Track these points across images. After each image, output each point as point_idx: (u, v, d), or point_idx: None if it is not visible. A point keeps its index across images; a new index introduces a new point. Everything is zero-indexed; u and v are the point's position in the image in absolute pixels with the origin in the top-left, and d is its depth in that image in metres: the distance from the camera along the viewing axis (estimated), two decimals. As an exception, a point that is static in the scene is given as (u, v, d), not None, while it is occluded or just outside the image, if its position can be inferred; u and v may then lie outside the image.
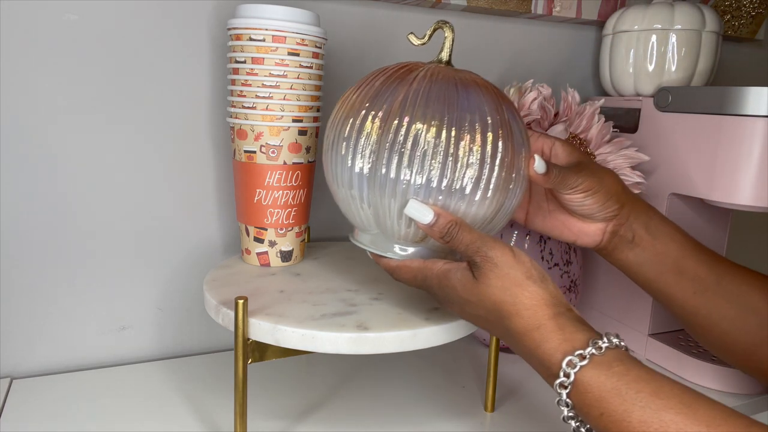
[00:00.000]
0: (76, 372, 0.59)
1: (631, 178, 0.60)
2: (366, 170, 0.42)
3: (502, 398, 0.57)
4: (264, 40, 0.51)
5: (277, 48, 0.51)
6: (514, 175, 0.42)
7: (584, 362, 0.35)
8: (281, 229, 0.55)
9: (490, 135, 0.41)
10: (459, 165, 0.40)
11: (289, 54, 0.51)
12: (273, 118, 0.52)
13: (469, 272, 0.40)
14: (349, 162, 0.42)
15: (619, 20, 0.71)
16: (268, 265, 0.56)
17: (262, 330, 0.43)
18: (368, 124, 0.41)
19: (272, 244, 0.56)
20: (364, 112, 0.42)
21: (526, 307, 0.38)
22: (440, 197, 0.41)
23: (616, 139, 0.63)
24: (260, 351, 0.44)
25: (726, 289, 0.48)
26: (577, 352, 0.35)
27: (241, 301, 0.43)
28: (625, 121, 0.70)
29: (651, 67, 0.69)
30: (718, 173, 0.59)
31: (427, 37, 0.45)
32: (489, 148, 0.40)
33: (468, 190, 0.41)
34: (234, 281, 0.52)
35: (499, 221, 0.45)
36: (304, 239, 0.59)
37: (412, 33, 0.45)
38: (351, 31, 0.67)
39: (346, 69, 0.67)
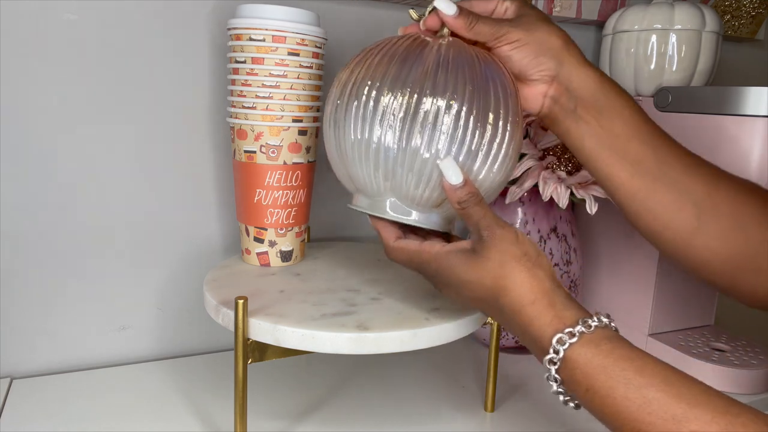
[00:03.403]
0: (76, 372, 0.59)
1: (631, 178, 0.60)
2: (394, 140, 0.41)
3: (502, 398, 0.57)
4: (264, 40, 0.51)
5: (277, 48, 0.51)
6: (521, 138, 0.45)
7: (573, 339, 0.35)
8: (281, 229, 0.55)
9: (510, 101, 0.42)
10: (488, 133, 0.41)
11: (289, 54, 0.51)
12: (273, 118, 0.52)
13: (470, 251, 0.40)
14: (374, 131, 0.41)
15: (619, 20, 0.71)
16: (268, 265, 0.56)
17: (262, 330, 0.43)
18: (394, 94, 0.40)
19: (272, 244, 0.56)
20: (388, 83, 0.41)
21: (521, 281, 0.38)
22: (468, 161, 0.41)
23: (616, 139, 0.63)
24: (260, 351, 0.44)
25: (667, 174, 0.46)
26: (567, 330, 0.36)
27: (241, 301, 0.43)
28: (625, 121, 0.70)
29: (651, 67, 0.69)
30: (718, 173, 0.59)
31: (427, 13, 0.45)
32: (510, 115, 0.42)
33: (491, 156, 0.42)
34: (234, 281, 0.52)
35: (498, 191, 0.46)
36: (304, 239, 0.59)
37: (412, 8, 0.46)
38: (351, 31, 0.67)
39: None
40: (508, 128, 0.42)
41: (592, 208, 0.59)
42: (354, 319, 0.44)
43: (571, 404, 0.37)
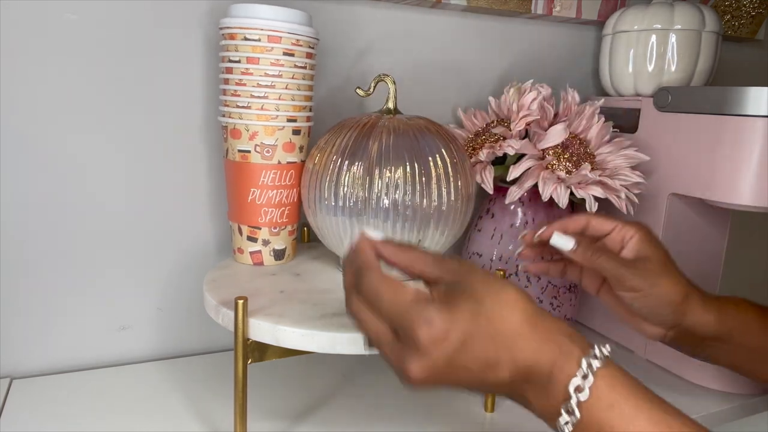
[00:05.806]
0: (76, 372, 0.59)
1: (630, 178, 0.60)
2: (357, 206, 0.49)
3: (502, 398, 0.57)
4: (259, 40, 0.51)
5: (272, 48, 0.51)
6: (470, 191, 0.53)
7: (598, 362, 0.32)
8: (275, 228, 0.55)
9: (449, 168, 0.50)
10: (429, 199, 0.49)
11: (284, 54, 0.51)
12: (268, 117, 0.52)
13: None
14: (341, 203, 0.49)
15: (619, 20, 0.71)
16: (261, 263, 0.56)
17: (262, 330, 0.43)
18: (352, 173, 0.49)
19: (266, 242, 0.56)
20: (347, 163, 0.49)
21: (517, 297, 0.34)
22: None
23: (616, 139, 0.63)
24: (260, 351, 0.44)
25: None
26: (593, 353, 0.33)
27: (241, 302, 0.43)
28: (625, 121, 0.70)
29: (651, 67, 0.69)
30: (718, 173, 0.59)
31: (372, 89, 0.53)
32: (452, 180, 0.50)
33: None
34: (234, 281, 0.52)
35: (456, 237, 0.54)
36: (296, 237, 0.59)
37: (359, 87, 0.53)
38: (350, 31, 0.67)
39: (342, 68, 0.67)
40: (452, 190, 0.50)
41: (592, 207, 0.59)
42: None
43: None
